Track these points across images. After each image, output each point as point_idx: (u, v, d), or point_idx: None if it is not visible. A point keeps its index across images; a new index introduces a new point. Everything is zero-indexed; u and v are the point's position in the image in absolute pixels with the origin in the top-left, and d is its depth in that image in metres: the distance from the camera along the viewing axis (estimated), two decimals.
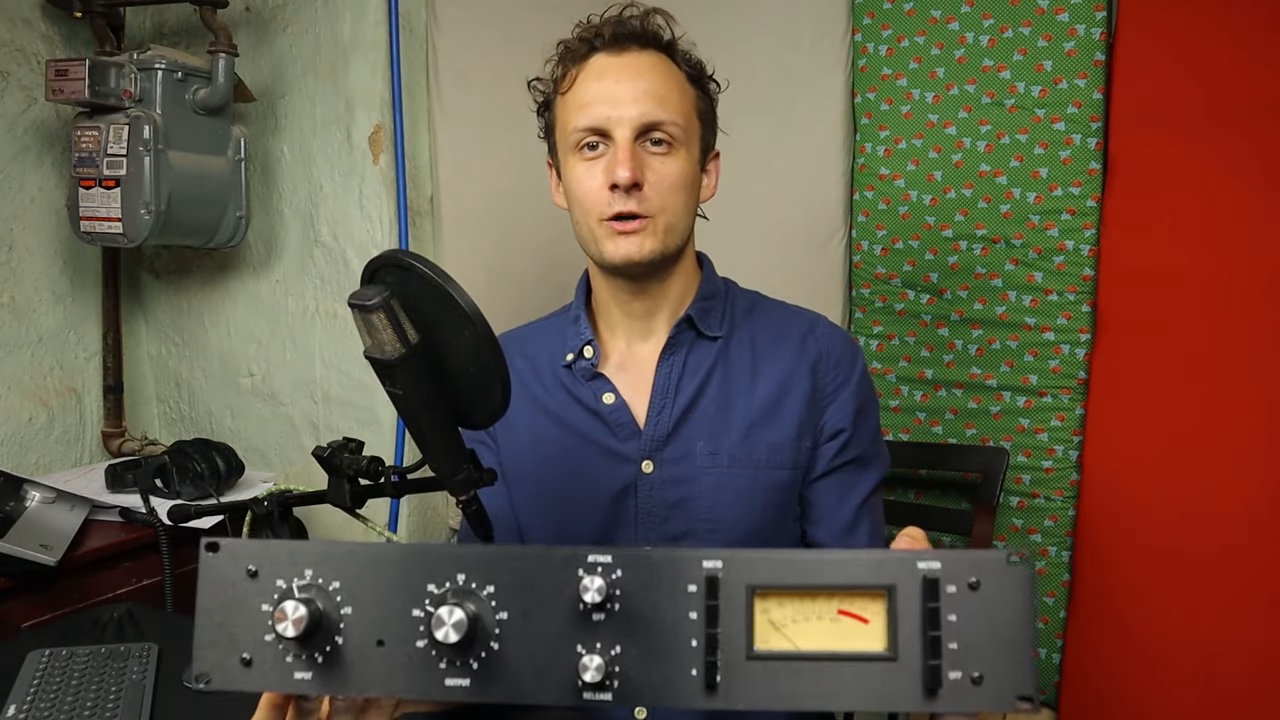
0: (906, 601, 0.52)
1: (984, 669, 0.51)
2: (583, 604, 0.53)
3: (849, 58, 1.89)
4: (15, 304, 1.84)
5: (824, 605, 0.53)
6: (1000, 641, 0.52)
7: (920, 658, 0.52)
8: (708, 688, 0.52)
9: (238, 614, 0.55)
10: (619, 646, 0.53)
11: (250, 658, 0.55)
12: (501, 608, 0.54)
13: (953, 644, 0.52)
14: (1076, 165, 1.70)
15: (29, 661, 1.06)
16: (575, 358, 1.12)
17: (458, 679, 0.54)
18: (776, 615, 0.53)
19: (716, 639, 0.52)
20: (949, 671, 0.51)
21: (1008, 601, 0.52)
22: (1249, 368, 1.59)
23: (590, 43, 1.05)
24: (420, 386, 0.82)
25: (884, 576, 0.53)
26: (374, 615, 0.55)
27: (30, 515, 1.47)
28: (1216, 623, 1.63)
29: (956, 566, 0.52)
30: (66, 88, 1.61)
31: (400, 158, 1.77)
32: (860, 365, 1.13)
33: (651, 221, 1.03)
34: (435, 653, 0.54)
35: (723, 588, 0.53)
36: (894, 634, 0.52)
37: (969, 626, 0.52)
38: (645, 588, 0.54)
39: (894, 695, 0.52)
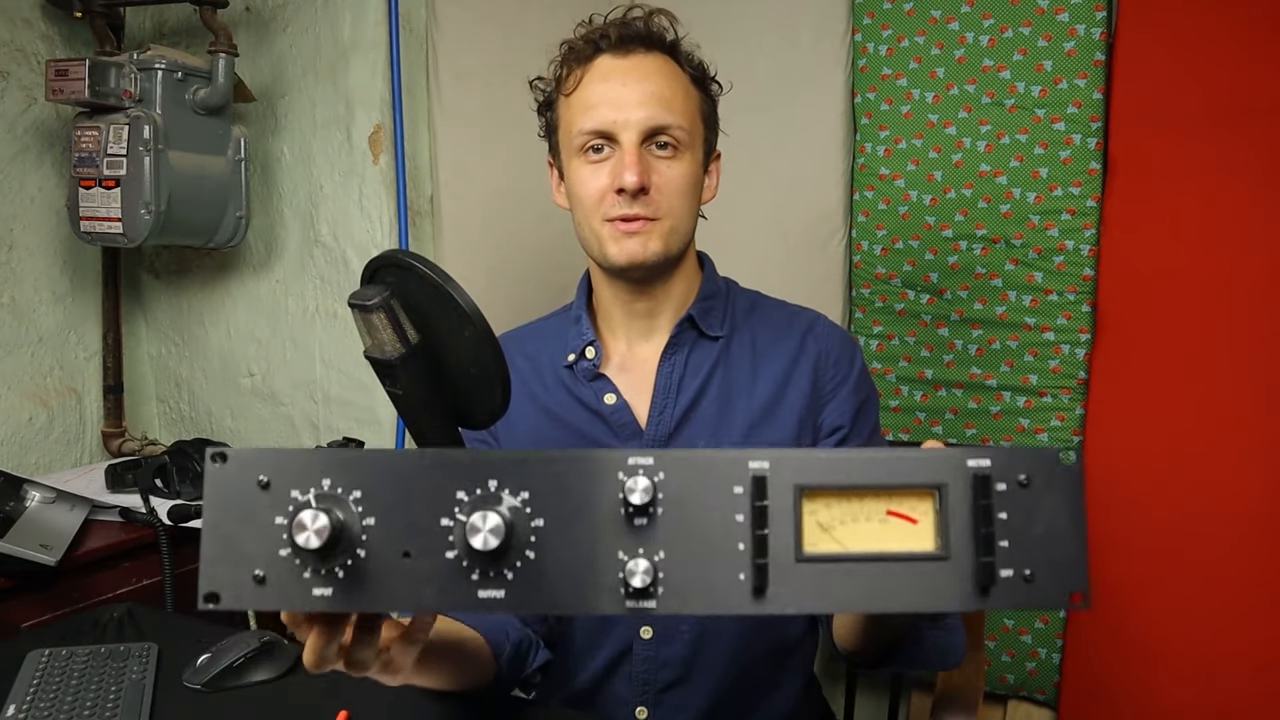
0: (956, 500, 0.51)
1: (1036, 566, 0.50)
2: (626, 507, 0.51)
3: (849, 58, 1.89)
4: (15, 304, 1.84)
5: (872, 506, 0.52)
6: (1052, 539, 0.50)
7: (971, 556, 0.50)
8: (756, 592, 0.50)
9: (249, 528, 0.51)
10: (663, 552, 0.51)
11: (264, 574, 0.51)
12: (537, 514, 0.52)
13: (1004, 542, 0.50)
14: (1076, 165, 1.70)
15: (29, 661, 1.06)
16: (577, 358, 1.12)
17: (492, 590, 0.51)
18: (824, 517, 0.52)
19: (765, 541, 0.51)
20: (1001, 569, 0.50)
21: (1059, 499, 0.51)
22: (1249, 368, 1.59)
23: (595, 44, 1.04)
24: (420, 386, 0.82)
25: (933, 475, 0.51)
26: (399, 526, 0.51)
27: (30, 515, 1.47)
28: (1216, 623, 1.63)
29: (1007, 464, 0.51)
30: (66, 88, 1.61)
31: (400, 158, 1.77)
32: (859, 363, 1.13)
33: (657, 224, 1.03)
34: (467, 563, 0.51)
35: (770, 489, 0.51)
36: (944, 533, 0.51)
37: (1020, 524, 0.51)
38: (689, 490, 0.52)
39: (946, 595, 0.51)
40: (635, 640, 1.08)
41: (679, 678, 1.07)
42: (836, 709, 1.29)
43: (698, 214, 1.10)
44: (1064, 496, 0.51)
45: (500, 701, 1.04)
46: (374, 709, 0.99)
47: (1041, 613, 1.78)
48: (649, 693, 1.08)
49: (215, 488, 0.52)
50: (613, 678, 1.09)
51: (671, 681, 1.08)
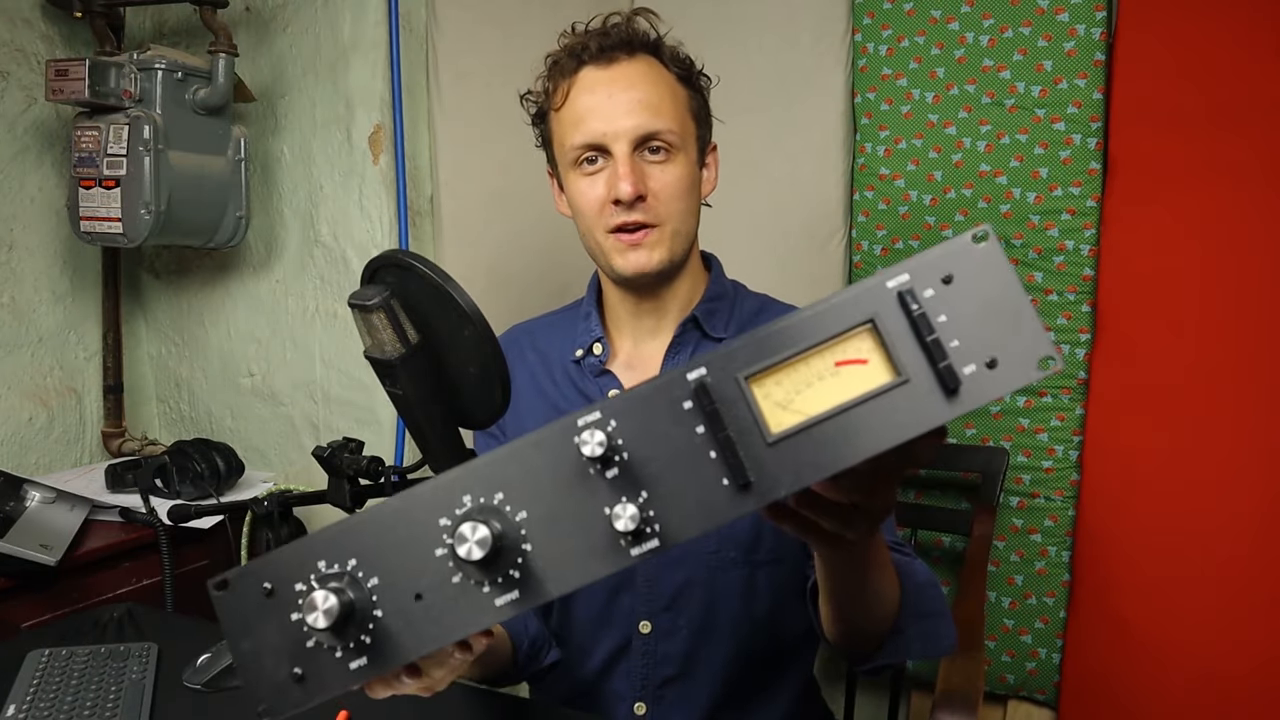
0: (893, 324, 0.51)
1: (995, 351, 0.50)
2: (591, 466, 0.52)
3: (849, 58, 1.89)
4: (15, 304, 1.84)
5: (819, 364, 0.51)
6: (997, 319, 0.50)
7: (929, 369, 0.50)
8: (741, 489, 0.51)
9: (271, 637, 0.53)
10: (644, 492, 0.51)
11: (301, 672, 0.53)
12: (517, 508, 0.53)
13: (953, 342, 0.50)
14: (1076, 165, 1.70)
15: (29, 661, 1.07)
16: (584, 354, 1.13)
17: (506, 594, 0.52)
18: (778, 394, 0.51)
19: (731, 441, 0.51)
20: (962, 368, 0.50)
21: (988, 279, 0.50)
22: (1249, 368, 1.59)
23: (578, 56, 1.04)
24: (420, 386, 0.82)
25: (861, 312, 0.51)
26: (400, 574, 0.53)
27: (30, 515, 1.47)
28: (1216, 622, 1.63)
29: (924, 269, 0.51)
30: (66, 88, 1.61)
31: (400, 158, 1.77)
32: None
33: (659, 229, 1.04)
34: (474, 580, 0.52)
35: (714, 390, 0.51)
36: (895, 359, 0.50)
37: (961, 319, 0.50)
38: (642, 425, 0.52)
39: (922, 413, 0.50)
40: (634, 636, 1.08)
41: (678, 674, 1.08)
42: (836, 709, 1.29)
43: (699, 212, 1.10)
44: (992, 275, 0.50)
45: (500, 701, 1.04)
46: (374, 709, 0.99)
47: (1040, 615, 1.78)
48: (648, 688, 1.08)
49: (229, 614, 0.54)
50: (612, 674, 1.10)
51: (670, 677, 1.08)
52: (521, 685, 1.29)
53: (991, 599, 1.80)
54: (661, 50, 1.07)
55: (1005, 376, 0.50)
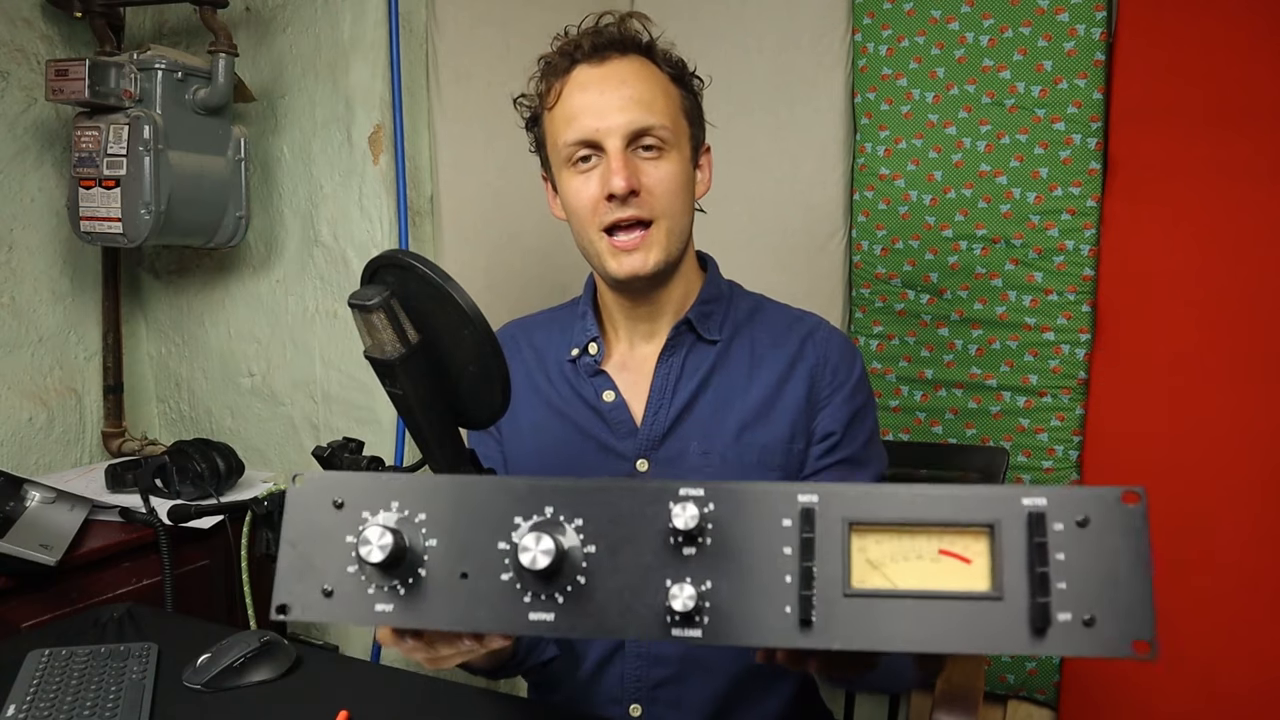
0: (1011, 539, 0.49)
1: (1096, 610, 0.48)
2: (673, 535, 0.52)
3: (849, 58, 1.89)
4: (15, 304, 1.84)
5: (924, 543, 0.51)
6: (1113, 582, 0.48)
7: (1027, 597, 0.49)
8: (803, 624, 0.50)
9: (321, 545, 0.54)
10: (709, 581, 0.51)
11: (331, 589, 0.54)
12: (589, 541, 0.53)
13: (1061, 584, 0.49)
14: (1076, 165, 1.70)
15: (29, 661, 1.06)
16: (580, 353, 1.13)
17: (542, 613, 0.52)
18: (874, 553, 0.51)
19: (812, 573, 0.50)
20: (1058, 613, 0.48)
21: (1120, 540, 0.49)
22: (1249, 367, 1.59)
23: (570, 55, 1.04)
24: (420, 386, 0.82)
25: (987, 513, 0.50)
26: (459, 547, 0.54)
27: (30, 515, 1.47)
28: (1216, 622, 1.63)
29: (1064, 503, 0.49)
30: (66, 88, 1.61)
31: (400, 158, 1.77)
32: (858, 371, 1.13)
33: (654, 228, 1.04)
34: (520, 585, 0.53)
35: (819, 521, 0.51)
36: (998, 573, 0.49)
37: (1078, 566, 0.49)
38: (737, 521, 0.52)
39: (1000, 637, 0.49)
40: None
41: (672, 675, 1.08)
42: (836, 709, 1.29)
43: (693, 211, 1.10)
44: (1126, 537, 0.49)
45: (500, 702, 1.04)
46: (374, 709, 0.99)
47: None
48: (642, 690, 1.08)
49: (295, 507, 0.55)
50: (606, 674, 1.10)
51: (665, 679, 1.08)
52: (521, 685, 1.29)
53: None
54: (654, 51, 1.07)
55: (1095, 640, 0.48)
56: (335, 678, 1.08)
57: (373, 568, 0.52)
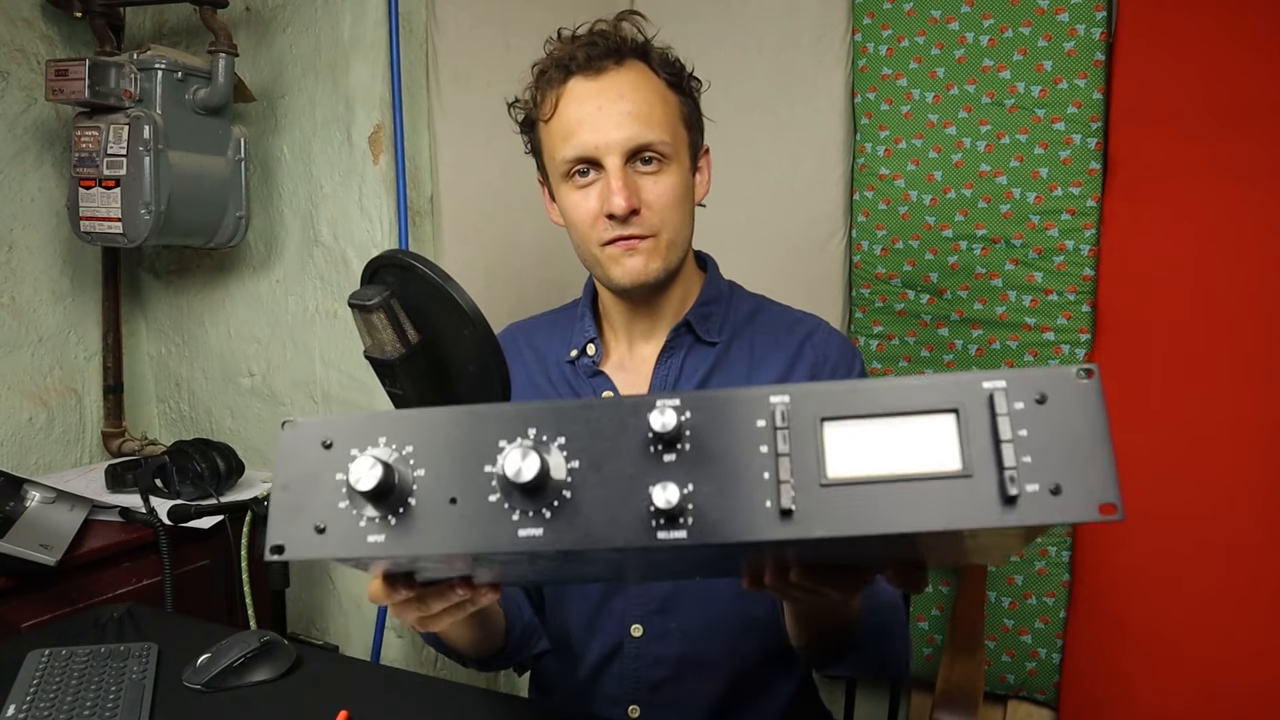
0: (975, 420, 0.52)
1: (1062, 479, 0.50)
2: (653, 443, 0.53)
3: (849, 58, 1.89)
4: (15, 304, 1.84)
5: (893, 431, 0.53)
6: (1076, 452, 0.51)
7: (995, 473, 0.51)
8: (783, 515, 0.51)
9: (312, 485, 0.56)
10: (691, 484, 0.53)
11: (324, 525, 0.55)
12: (573, 456, 0.54)
13: (1026, 457, 0.51)
14: (1076, 165, 1.70)
15: (29, 661, 1.06)
16: (579, 354, 1.13)
17: (531, 528, 0.54)
18: (846, 444, 0.53)
19: (789, 467, 0.52)
20: (1025, 484, 0.50)
21: (1079, 414, 0.51)
22: (1249, 368, 1.59)
23: (566, 67, 1.02)
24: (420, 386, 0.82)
25: (949, 399, 0.52)
26: (447, 475, 0.55)
27: (30, 515, 1.47)
28: (1216, 622, 1.63)
29: (1022, 382, 0.52)
30: (66, 88, 1.61)
31: (400, 158, 1.77)
32: (857, 372, 1.13)
33: (654, 240, 1.03)
34: (508, 505, 0.54)
35: (792, 419, 0.53)
36: (966, 452, 0.51)
37: (1041, 440, 0.51)
38: (714, 425, 0.54)
39: (972, 511, 0.51)
40: (626, 638, 1.08)
41: (671, 676, 1.08)
42: (836, 709, 1.29)
43: (693, 219, 1.09)
44: (1084, 410, 0.51)
45: (500, 701, 1.04)
46: (374, 709, 0.99)
47: (1040, 615, 1.78)
48: (641, 690, 1.08)
49: (285, 451, 0.57)
50: (605, 675, 1.10)
51: (663, 679, 1.08)
52: (521, 686, 1.29)
53: (991, 599, 1.80)
54: (650, 55, 1.05)
55: (1063, 507, 0.50)
56: (335, 678, 1.08)
57: (363, 499, 0.54)
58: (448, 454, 0.55)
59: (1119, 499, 0.50)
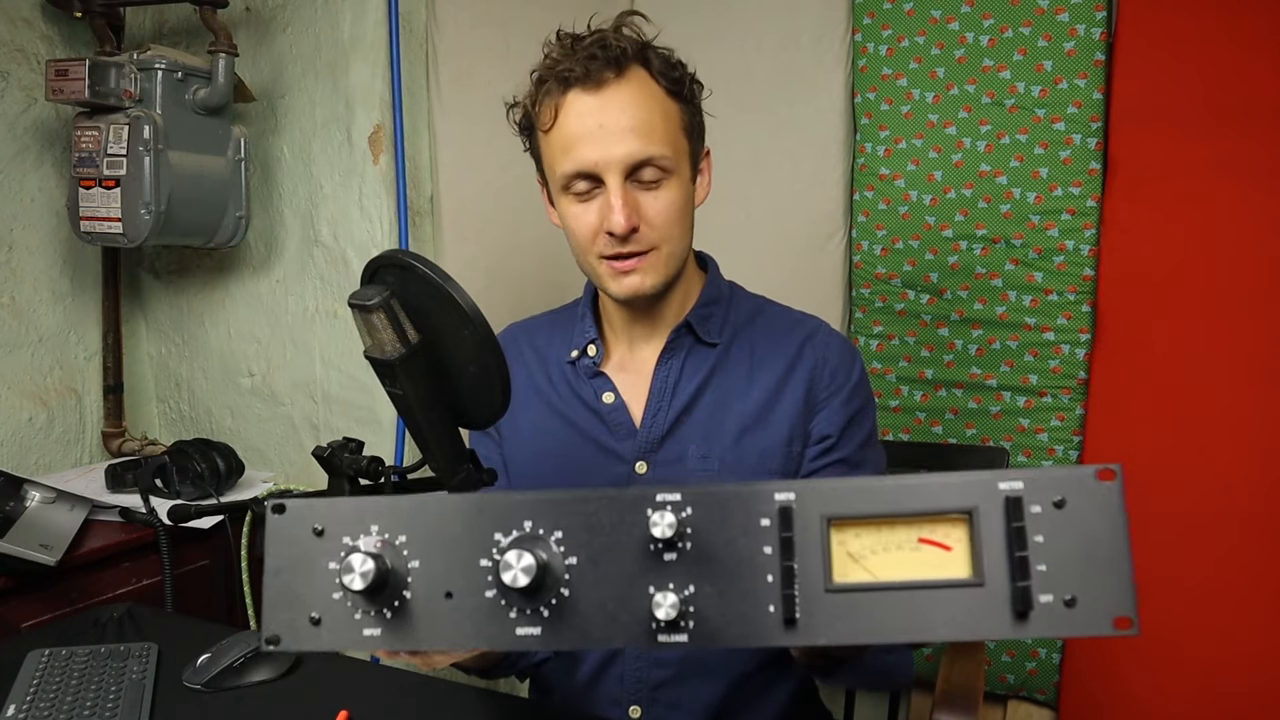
0: (989, 525, 0.50)
1: (1077, 590, 0.49)
2: (653, 543, 0.52)
3: (849, 58, 1.89)
4: (15, 304, 1.84)
5: (903, 534, 0.51)
6: (1093, 561, 0.49)
7: (1008, 582, 0.49)
8: (786, 623, 0.50)
9: (305, 573, 0.55)
10: (692, 586, 0.52)
11: (319, 616, 0.55)
12: (570, 553, 0.53)
13: (1041, 566, 0.49)
14: (1076, 165, 1.70)
15: (29, 661, 1.06)
16: (579, 355, 1.13)
17: (528, 627, 0.53)
18: (854, 546, 0.51)
19: (793, 572, 0.51)
20: (1039, 595, 0.49)
21: (1098, 519, 0.49)
22: (1249, 368, 1.59)
23: (565, 79, 1.00)
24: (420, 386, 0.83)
25: (964, 500, 0.50)
26: (442, 567, 0.54)
27: (30, 515, 1.47)
28: (1216, 622, 1.63)
29: (1040, 485, 0.50)
30: (66, 88, 1.61)
31: (400, 158, 1.77)
32: (857, 374, 1.12)
33: (654, 254, 1.03)
34: (505, 601, 0.53)
35: (797, 519, 0.51)
36: (978, 559, 0.49)
37: (1057, 547, 0.49)
38: (716, 524, 0.52)
39: (983, 623, 0.49)
40: None
41: (672, 677, 1.08)
42: (836, 709, 1.29)
43: (692, 227, 1.09)
44: (1103, 516, 0.49)
45: (500, 701, 1.04)
46: (374, 709, 0.99)
47: None
48: (642, 691, 1.08)
49: (275, 537, 0.56)
50: (606, 676, 1.09)
51: (664, 680, 1.08)
52: (521, 686, 1.29)
53: None
54: (651, 61, 1.02)
55: (1078, 619, 0.49)
56: (335, 678, 1.08)
57: (357, 594, 0.53)
58: (442, 545, 0.54)
59: (1135, 612, 0.48)
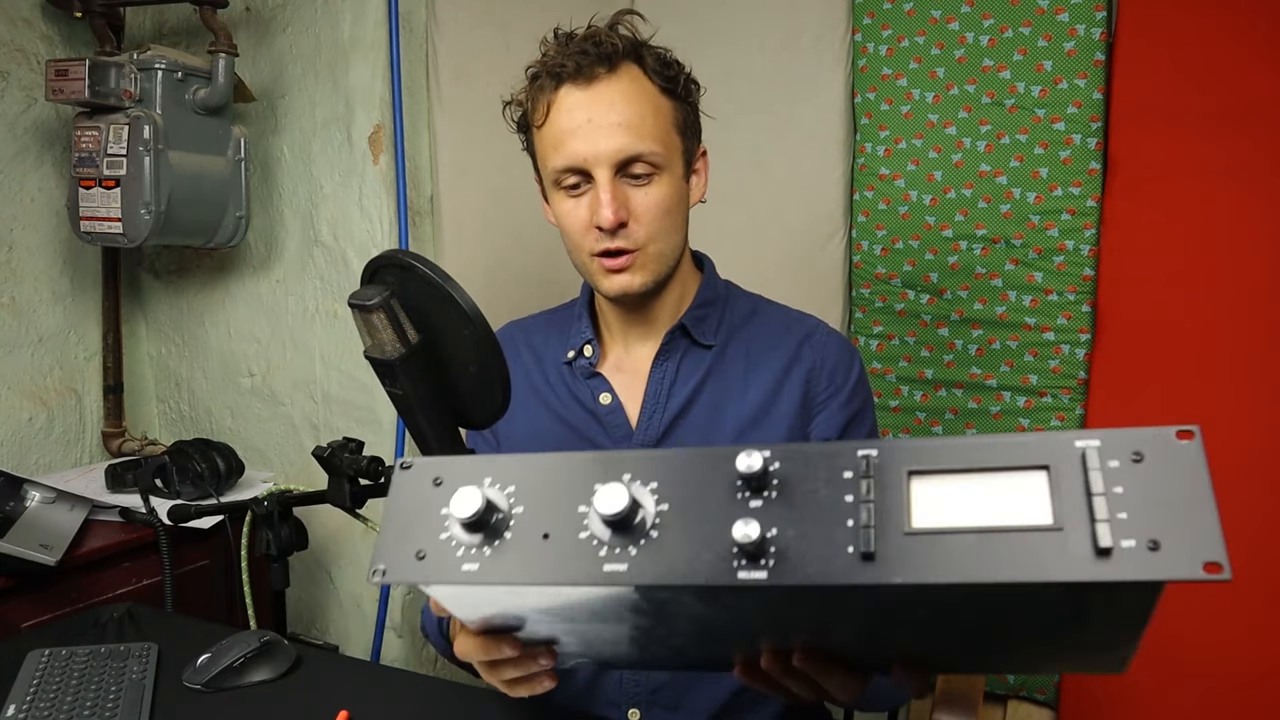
0: (1067, 476, 0.50)
1: (1160, 537, 0.47)
2: (740, 489, 0.55)
3: (849, 58, 1.89)
4: (15, 304, 1.84)
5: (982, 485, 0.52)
6: (1175, 511, 0.47)
7: (1088, 526, 0.48)
8: (864, 558, 0.51)
9: (419, 517, 0.60)
10: (775, 528, 0.54)
11: (424, 553, 0.59)
12: (663, 500, 0.57)
13: (1122, 514, 0.48)
14: (1076, 165, 1.70)
15: (29, 661, 1.07)
16: (576, 355, 1.13)
17: (616, 564, 0.55)
18: (934, 497, 0.52)
19: (873, 514, 0.52)
20: (1121, 540, 0.47)
21: (1179, 472, 0.48)
22: (1249, 368, 1.59)
23: (557, 75, 1.01)
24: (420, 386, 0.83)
25: (1042, 455, 0.51)
26: (543, 512, 0.58)
27: (30, 515, 1.47)
28: (1216, 621, 1.63)
29: (1118, 441, 0.50)
30: (66, 88, 1.61)
31: (400, 158, 1.77)
32: (855, 374, 1.12)
33: (641, 253, 1.02)
34: (596, 541, 0.56)
35: (879, 472, 0.53)
36: (1058, 507, 0.49)
37: (1138, 497, 0.48)
38: (801, 476, 0.55)
39: (1063, 563, 0.48)
40: None
41: (670, 681, 1.07)
42: (836, 710, 1.29)
43: (685, 225, 1.09)
44: (1184, 469, 0.48)
45: (500, 701, 1.04)
46: (374, 709, 0.99)
47: None
48: (641, 694, 1.08)
49: (398, 489, 0.62)
50: (605, 679, 1.09)
51: (663, 683, 1.08)
52: None
53: None
54: (644, 59, 1.02)
55: (1163, 563, 0.47)
56: (335, 678, 1.08)
57: (462, 529, 0.58)
58: (546, 494, 0.59)
59: (1225, 558, 0.46)
